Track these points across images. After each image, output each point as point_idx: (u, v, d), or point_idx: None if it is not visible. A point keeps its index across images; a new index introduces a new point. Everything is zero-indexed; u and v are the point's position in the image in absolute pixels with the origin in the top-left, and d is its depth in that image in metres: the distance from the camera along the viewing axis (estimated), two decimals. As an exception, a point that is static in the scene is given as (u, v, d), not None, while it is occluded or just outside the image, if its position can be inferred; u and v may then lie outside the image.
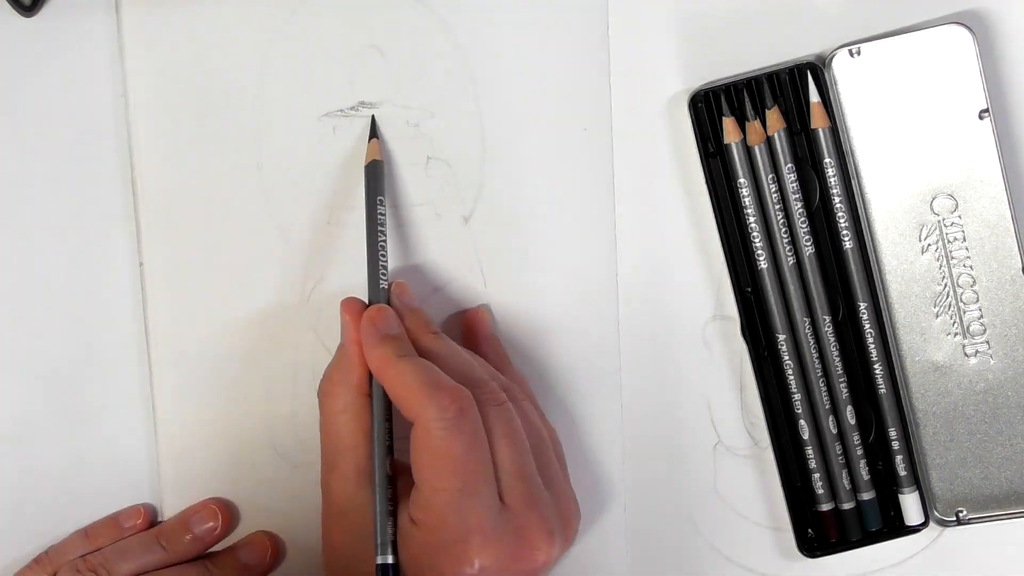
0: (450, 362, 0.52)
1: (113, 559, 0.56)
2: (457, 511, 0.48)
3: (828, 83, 0.56)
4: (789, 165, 0.56)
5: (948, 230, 0.56)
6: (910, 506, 0.57)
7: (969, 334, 0.56)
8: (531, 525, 0.49)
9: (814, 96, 0.56)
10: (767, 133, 0.56)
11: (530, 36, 0.56)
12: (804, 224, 0.56)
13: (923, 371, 0.57)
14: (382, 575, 0.49)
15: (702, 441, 0.59)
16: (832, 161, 0.56)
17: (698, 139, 0.56)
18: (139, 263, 0.57)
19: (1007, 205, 0.56)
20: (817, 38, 0.57)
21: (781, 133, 0.56)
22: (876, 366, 0.57)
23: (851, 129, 0.56)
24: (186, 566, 0.57)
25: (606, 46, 0.57)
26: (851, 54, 0.55)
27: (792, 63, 0.56)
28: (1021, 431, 0.57)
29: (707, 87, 0.56)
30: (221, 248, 0.57)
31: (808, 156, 0.56)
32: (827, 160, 0.56)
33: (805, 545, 0.58)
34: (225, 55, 0.56)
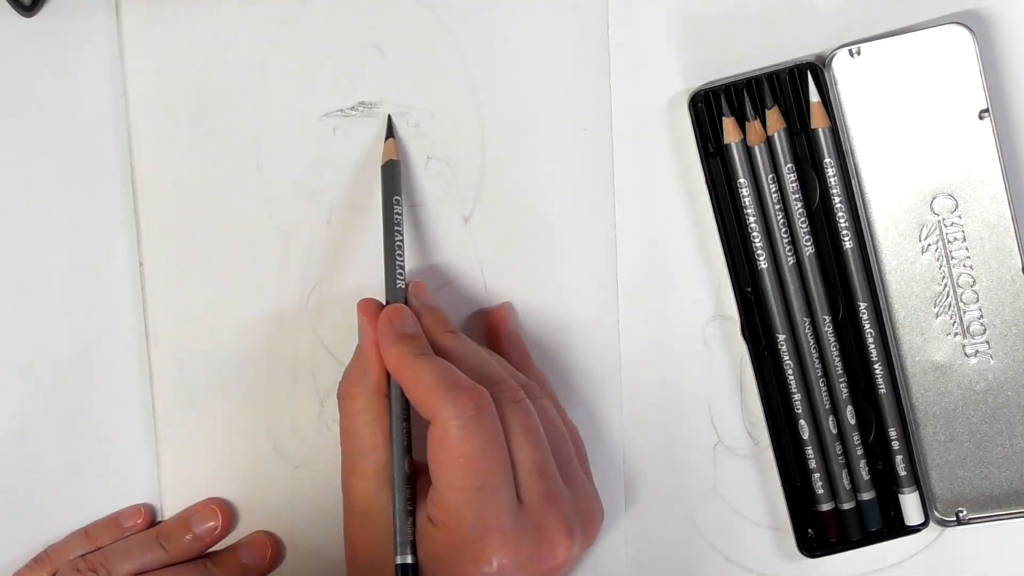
0: (468, 360, 0.52)
1: (113, 558, 0.56)
2: (474, 509, 0.48)
3: (828, 83, 0.56)
4: (789, 165, 0.56)
5: (948, 230, 0.56)
6: (910, 506, 0.57)
7: (969, 334, 0.56)
8: (550, 524, 0.49)
9: (814, 96, 0.56)
10: (767, 133, 0.56)
11: (530, 36, 0.56)
12: (804, 224, 0.56)
13: (923, 371, 0.57)
14: (402, 575, 0.49)
15: (702, 441, 0.59)
16: (832, 161, 0.56)
17: (698, 139, 0.56)
18: (139, 263, 0.57)
19: (1007, 205, 0.56)
20: (817, 38, 0.56)
21: (781, 133, 0.56)
22: (876, 366, 0.57)
23: (851, 129, 0.56)
24: (186, 566, 0.57)
25: (606, 46, 0.57)
26: (851, 54, 0.55)
27: (792, 63, 0.56)
28: (1021, 431, 0.57)
29: (707, 87, 0.56)
30: (221, 248, 0.57)
31: (808, 156, 0.56)
32: (827, 160, 0.56)
33: (805, 545, 0.58)
34: (225, 55, 0.56)
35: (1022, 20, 0.57)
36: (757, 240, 0.56)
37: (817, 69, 0.56)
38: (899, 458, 0.57)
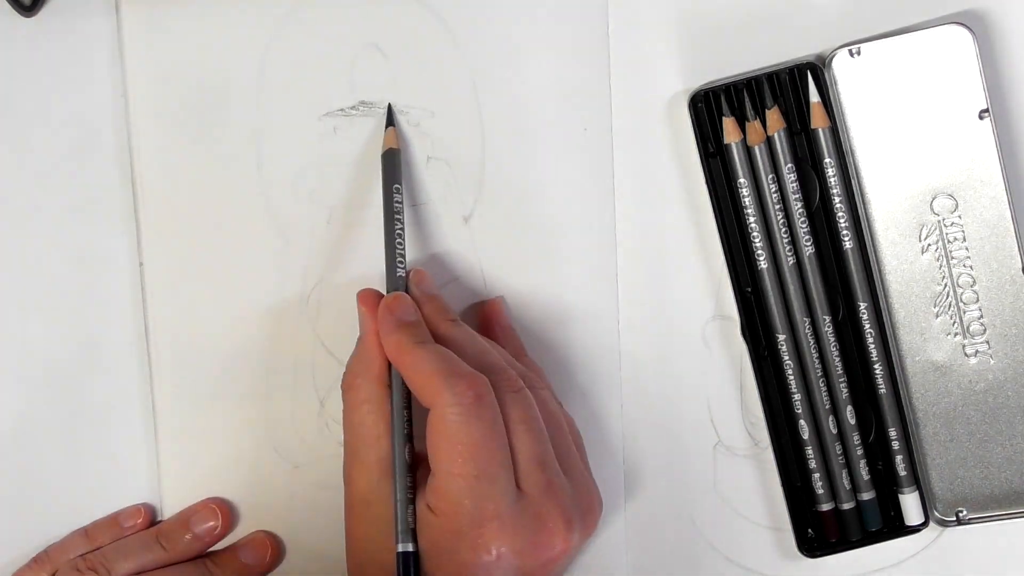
0: (468, 349, 0.52)
1: (113, 558, 0.56)
2: (473, 497, 0.48)
3: (828, 83, 0.56)
4: (789, 165, 0.56)
5: (948, 230, 0.56)
6: (910, 506, 0.57)
7: (969, 334, 0.56)
8: (549, 513, 0.49)
9: (814, 96, 0.56)
10: (767, 133, 0.56)
11: (530, 36, 0.56)
12: (804, 224, 0.56)
13: (923, 371, 0.57)
14: (402, 563, 0.49)
15: (702, 441, 0.59)
16: (832, 161, 0.56)
17: (698, 139, 0.56)
18: (139, 263, 0.57)
19: (1007, 205, 0.56)
20: (817, 38, 0.57)
21: (781, 133, 0.56)
22: (876, 366, 0.57)
23: (851, 129, 0.56)
24: (186, 565, 0.57)
25: (606, 46, 0.57)
26: (851, 54, 0.55)
27: (792, 63, 0.56)
28: (1021, 431, 0.57)
29: (707, 87, 0.56)
30: (221, 248, 0.57)
31: (808, 156, 0.56)
32: (827, 160, 0.56)
33: (805, 545, 0.58)
34: (225, 55, 0.56)
35: (1022, 20, 0.57)
36: (757, 240, 0.56)
37: (817, 69, 0.56)
38: (899, 458, 0.57)
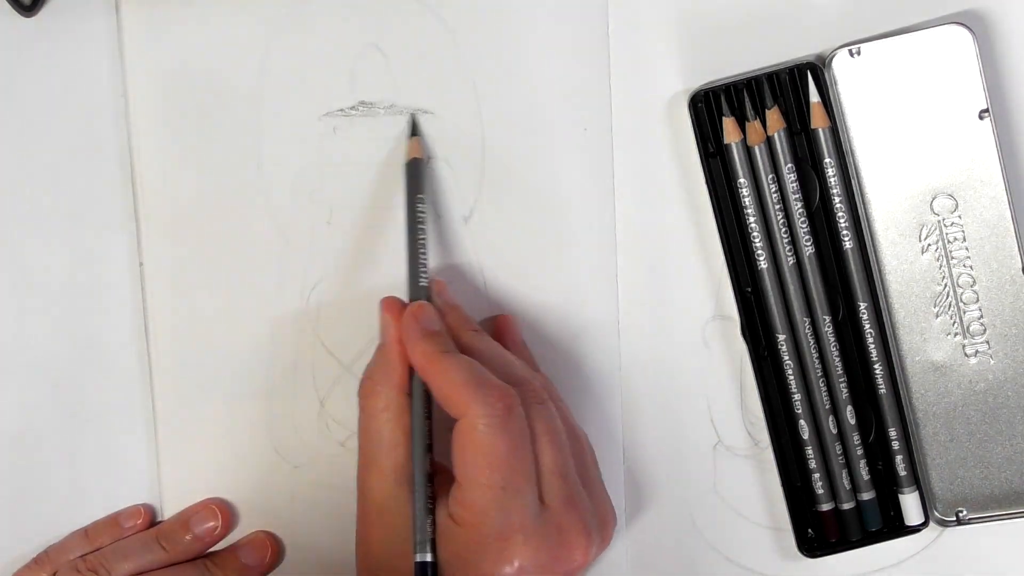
0: (492, 360, 0.52)
1: (113, 559, 0.56)
2: (499, 509, 0.48)
3: (828, 83, 0.56)
4: (789, 165, 0.56)
5: (948, 230, 0.56)
6: (910, 506, 0.57)
7: (969, 334, 0.56)
8: (570, 526, 0.49)
9: (814, 96, 0.56)
10: (767, 133, 0.56)
11: (530, 36, 0.56)
12: (804, 224, 0.56)
13: (923, 371, 0.57)
14: (421, 573, 0.49)
15: (702, 441, 0.59)
16: (832, 161, 0.56)
17: (698, 139, 0.56)
18: (139, 263, 0.57)
19: (1007, 205, 0.56)
20: (817, 38, 0.57)
21: (781, 133, 0.56)
22: (876, 366, 0.57)
23: (851, 129, 0.56)
24: (186, 566, 0.56)
25: (606, 46, 0.57)
26: (851, 54, 0.55)
27: (792, 63, 0.56)
28: (1021, 431, 0.57)
29: (707, 87, 0.56)
30: (221, 248, 0.57)
31: (808, 156, 0.56)
32: (827, 160, 0.56)
33: (805, 545, 0.58)
34: (225, 55, 0.56)
35: (1022, 20, 0.57)
36: (757, 240, 0.56)
37: (817, 69, 0.56)
38: (899, 458, 0.57)
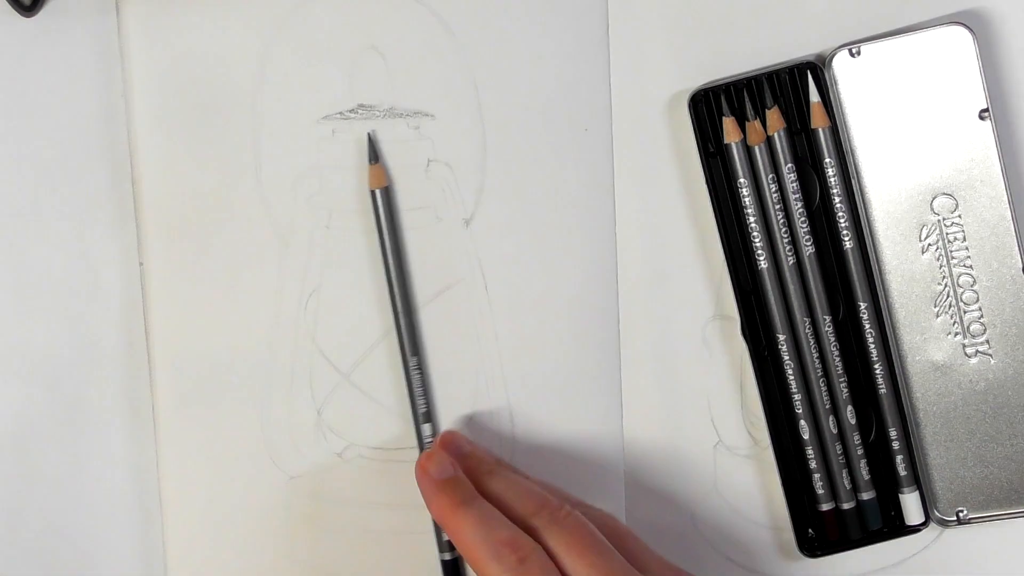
0: (510, 499, 0.52)
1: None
2: None
3: (828, 83, 0.56)
4: (789, 165, 0.56)
5: (948, 230, 0.56)
6: (910, 506, 0.57)
7: (969, 334, 0.56)
8: None
9: (814, 96, 0.56)
10: (767, 133, 0.56)
11: (530, 36, 0.56)
12: (804, 224, 0.56)
13: (923, 371, 0.57)
14: None
15: (702, 441, 0.59)
16: (832, 161, 0.56)
17: (698, 139, 0.56)
18: (139, 263, 0.57)
19: (1007, 205, 0.56)
20: (817, 38, 0.56)
21: (781, 133, 0.56)
22: (876, 366, 0.57)
23: (851, 129, 0.56)
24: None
25: (606, 46, 0.57)
26: (851, 54, 0.55)
27: (792, 63, 0.56)
28: (1022, 431, 0.57)
29: (707, 87, 0.56)
30: (219, 252, 0.56)
31: (808, 156, 0.56)
32: (827, 160, 0.56)
33: (805, 545, 0.58)
34: (223, 57, 0.56)
35: (1022, 20, 0.57)
36: (757, 240, 0.56)
37: (817, 69, 0.56)
38: (899, 458, 0.57)
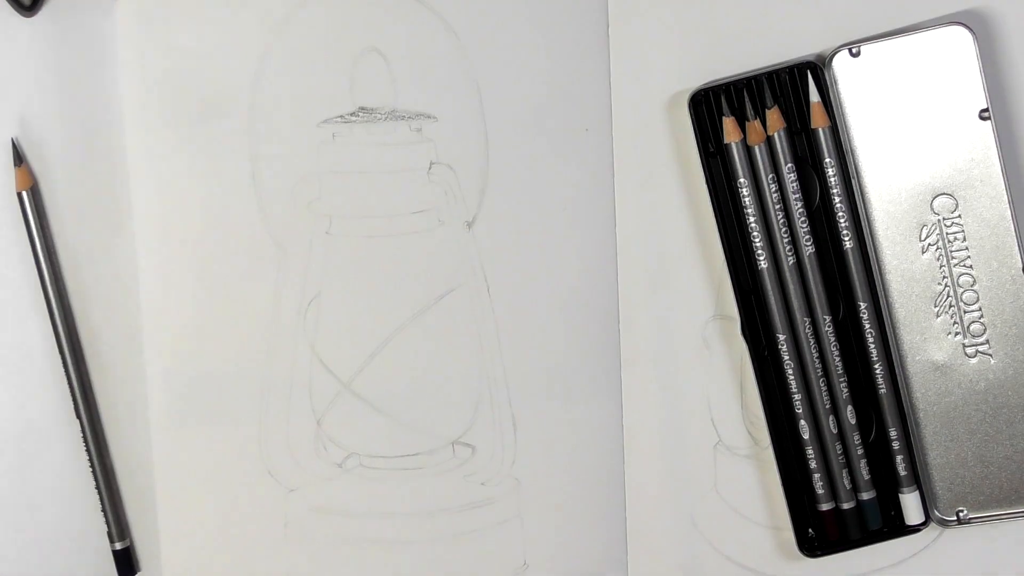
0: None
1: None
2: None
3: (828, 83, 0.56)
4: (789, 165, 0.56)
5: (948, 230, 0.56)
6: (910, 506, 0.57)
7: (969, 334, 0.56)
8: None
9: (814, 96, 0.56)
10: (767, 133, 0.56)
11: (531, 37, 0.56)
12: (804, 224, 0.56)
13: (923, 371, 0.57)
14: None
15: (702, 441, 0.59)
16: (832, 161, 0.56)
17: (698, 139, 0.56)
18: (136, 271, 0.56)
19: (1007, 205, 0.56)
20: (817, 38, 0.57)
21: (781, 133, 0.56)
22: (876, 366, 0.57)
23: (851, 129, 0.56)
24: None
25: (606, 46, 0.57)
26: (851, 54, 0.55)
27: (792, 63, 0.56)
28: (1022, 431, 0.57)
29: (707, 87, 0.56)
30: (216, 258, 0.56)
31: (808, 156, 0.56)
32: (827, 160, 0.56)
33: (805, 545, 0.58)
34: (222, 58, 0.56)
35: (1022, 20, 0.57)
36: (757, 240, 0.56)
37: (817, 69, 0.56)
38: (899, 458, 0.57)
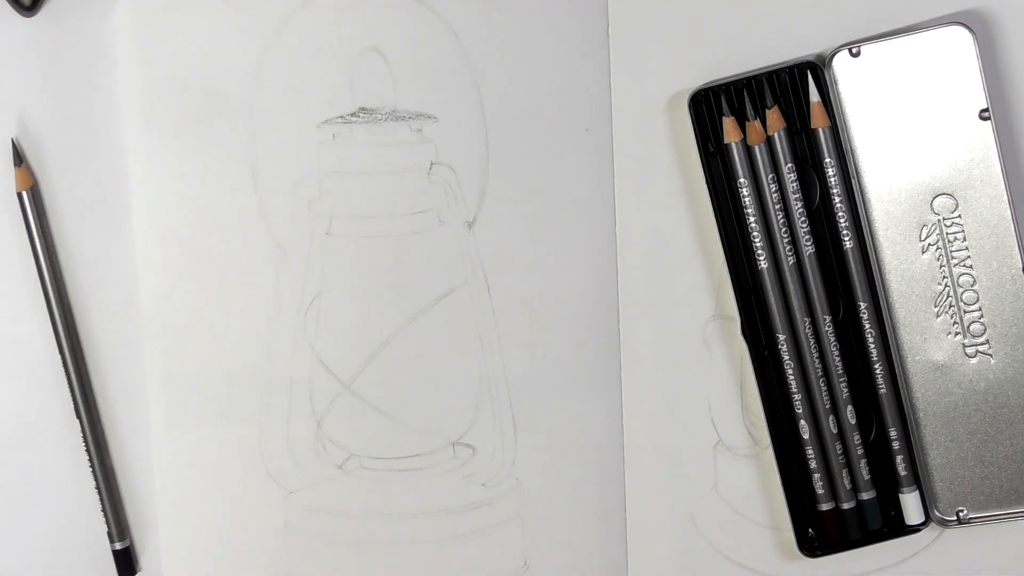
0: None
1: None
2: None
3: (828, 83, 0.56)
4: (789, 165, 0.56)
5: (948, 230, 0.56)
6: (910, 506, 0.57)
7: (969, 334, 0.56)
8: None
9: (814, 96, 0.56)
10: (767, 133, 0.56)
11: (531, 37, 0.56)
12: (804, 224, 0.56)
13: (923, 371, 0.57)
14: None
15: (702, 441, 0.59)
16: (832, 161, 0.56)
17: (698, 139, 0.56)
18: (136, 271, 0.56)
19: (1007, 205, 0.56)
20: (817, 38, 0.57)
21: (781, 133, 0.56)
22: (876, 366, 0.57)
23: (851, 129, 0.56)
24: None
25: (606, 46, 0.57)
26: (851, 54, 0.55)
27: (792, 63, 0.56)
28: (1022, 431, 0.57)
29: (707, 87, 0.56)
30: (215, 259, 0.56)
31: (808, 156, 0.56)
32: (827, 160, 0.56)
33: (805, 545, 0.58)
34: (222, 59, 0.56)
35: (1022, 20, 0.57)
36: (757, 240, 0.56)
37: (817, 69, 0.56)
38: (899, 458, 0.57)
